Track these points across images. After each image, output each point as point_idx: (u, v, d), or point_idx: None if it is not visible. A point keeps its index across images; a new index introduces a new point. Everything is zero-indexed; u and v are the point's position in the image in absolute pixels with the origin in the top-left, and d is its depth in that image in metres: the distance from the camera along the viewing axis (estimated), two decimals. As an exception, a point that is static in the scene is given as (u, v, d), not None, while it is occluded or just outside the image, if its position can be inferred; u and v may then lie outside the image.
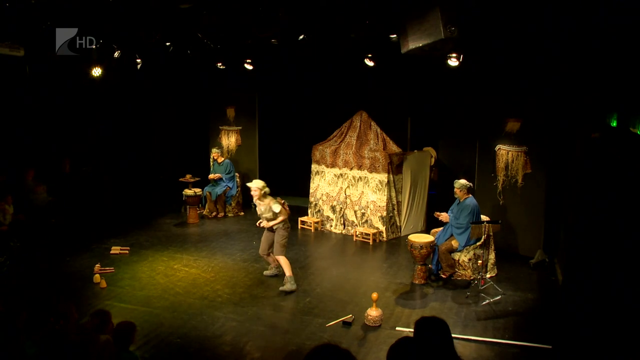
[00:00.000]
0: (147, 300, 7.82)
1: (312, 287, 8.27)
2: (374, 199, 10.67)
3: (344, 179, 11.14)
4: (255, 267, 9.13)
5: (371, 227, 10.71)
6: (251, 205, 12.93)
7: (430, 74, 10.73)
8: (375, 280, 8.58)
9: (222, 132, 13.41)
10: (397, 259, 9.60)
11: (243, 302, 7.72)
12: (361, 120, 11.09)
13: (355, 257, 9.83)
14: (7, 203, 9.99)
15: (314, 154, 11.65)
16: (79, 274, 8.73)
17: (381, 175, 10.53)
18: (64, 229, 10.91)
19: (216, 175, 12.35)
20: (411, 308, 7.54)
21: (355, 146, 10.94)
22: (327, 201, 11.44)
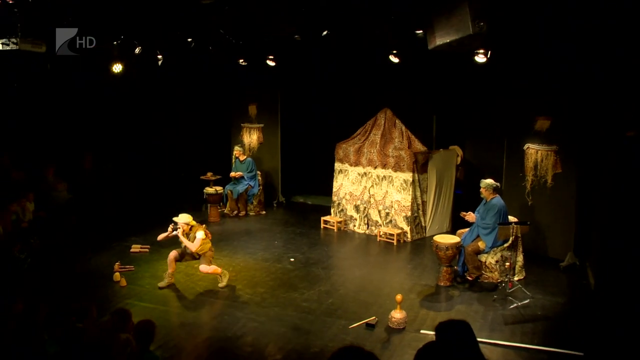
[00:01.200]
0: (167, 300, 7.87)
1: (335, 288, 8.25)
2: (398, 198, 10.61)
3: (367, 178, 11.10)
4: (277, 267, 9.14)
5: (395, 227, 10.65)
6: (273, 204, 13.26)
7: (456, 70, 10.62)
8: (399, 281, 8.53)
9: (244, 130, 13.45)
10: (421, 260, 9.53)
11: (265, 302, 7.73)
12: (385, 118, 11.03)
13: (379, 258, 9.78)
14: (29, 200, 10.14)
15: (337, 152, 11.62)
16: (99, 272, 8.82)
17: (406, 174, 10.47)
18: (84, 226, 11.04)
19: (238, 174, 12.38)
20: (436, 311, 7.48)
21: (379, 144, 10.90)
22: (350, 200, 11.40)
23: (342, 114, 12.99)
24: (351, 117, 12.20)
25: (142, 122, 13.54)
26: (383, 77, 11.74)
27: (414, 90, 11.81)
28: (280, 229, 11.49)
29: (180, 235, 8.17)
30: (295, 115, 13.62)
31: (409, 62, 10.10)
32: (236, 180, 12.44)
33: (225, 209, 12.59)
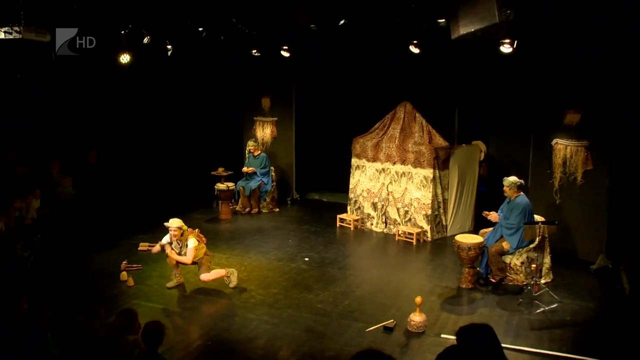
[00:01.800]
0: (176, 300, 7.90)
1: (352, 289, 8.23)
2: (418, 196, 10.57)
3: (386, 174, 11.07)
4: (291, 266, 9.15)
5: (415, 226, 10.62)
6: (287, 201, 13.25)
7: (481, 62, 10.52)
8: (418, 283, 8.51)
9: (257, 123, 13.46)
10: (442, 260, 9.50)
11: (278, 303, 7.73)
12: (405, 112, 10.99)
13: (398, 258, 9.75)
14: (35, 197, 10.22)
15: (354, 147, 11.60)
16: (105, 271, 8.88)
17: (426, 170, 10.42)
18: (89, 223, 11.12)
19: (250, 169, 12.41)
20: (458, 314, 7.44)
21: (398, 139, 10.86)
22: (367, 198, 11.38)
23: (359, 107, 12.95)
24: (369, 111, 12.17)
25: (150, 116, 13.58)
26: (403, 69, 11.66)
27: (435, 82, 11.73)
28: (294, 227, 11.49)
29: (169, 251, 8.08)
30: (311, 109, 13.60)
31: (430, 52, 10.03)
32: (248, 176, 12.46)
33: (237, 206, 12.61)
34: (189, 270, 8.75)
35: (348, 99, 13.29)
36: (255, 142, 12.64)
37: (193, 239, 7.98)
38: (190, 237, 7.98)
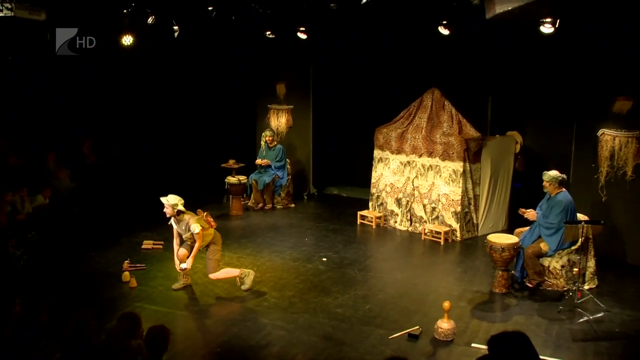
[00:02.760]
0: (183, 303, 7.91)
1: (373, 293, 8.22)
2: (446, 191, 10.53)
3: (411, 168, 11.03)
4: (308, 267, 9.14)
5: (443, 224, 10.58)
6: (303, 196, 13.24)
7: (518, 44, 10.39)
8: (447, 286, 8.48)
9: (271, 112, 13.47)
10: (473, 262, 9.46)
11: (293, 307, 7.73)
12: (433, 99, 10.94)
13: (424, 259, 9.74)
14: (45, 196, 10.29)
15: (377, 137, 11.56)
16: (105, 271, 8.91)
17: (455, 163, 10.38)
18: (89, 219, 11.19)
19: (265, 161, 12.42)
20: (490, 321, 7.39)
21: (425, 129, 10.81)
22: (391, 193, 11.35)
23: (383, 94, 12.92)
24: (393, 98, 12.13)
25: (155, 103, 13.64)
26: (431, 52, 11.64)
27: (467, 67, 11.69)
28: (311, 224, 11.50)
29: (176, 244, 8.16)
30: (330, 96, 13.61)
31: (461, 34, 9.93)
32: (262, 169, 12.48)
33: (249, 201, 12.62)
34: (196, 270, 8.79)
35: (370, 85, 13.26)
36: (272, 132, 12.64)
37: (196, 225, 7.91)
38: (192, 223, 7.93)
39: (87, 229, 10.77)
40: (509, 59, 11.30)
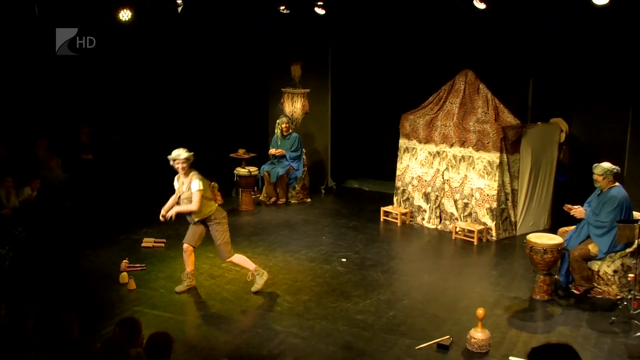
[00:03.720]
0: (187, 308, 7.94)
1: (398, 298, 8.20)
2: (480, 185, 10.50)
3: (441, 159, 11.01)
4: (325, 269, 9.15)
5: (476, 222, 10.57)
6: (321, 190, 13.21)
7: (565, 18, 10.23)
8: (480, 292, 8.46)
9: (285, 96, 13.45)
10: (510, 265, 9.43)
11: (309, 313, 7.73)
12: (466, 82, 10.92)
13: (455, 261, 9.74)
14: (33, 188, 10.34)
15: (403, 125, 11.55)
16: (101, 272, 8.94)
17: (491, 154, 10.35)
18: (83, 214, 11.24)
19: (279, 151, 12.44)
20: (530, 332, 7.34)
21: (457, 116, 10.79)
22: (418, 187, 11.35)
23: (410, 76, 12.88)
24: (421, 81, 12.11)
25: (156, 86, 13.67)
26: (464, 29, 11.57)
27: (505, 45, 11.61)
28: (329, 221, 11.54)
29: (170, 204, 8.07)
30: (351, 78, 13.59)
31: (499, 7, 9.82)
32: (275, 160, 12.50)
33: (261, 195, 12.64)
34: (202, 271, 8.84)
35: (396, 66, 13.22)
36: (288, 118, 12.65)
37: (198, 181, 7.83)
38: (194, 179, 7.85)
39: (80, 225, 10.83)
40: (554, 34, 11.20)
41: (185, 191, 7.96)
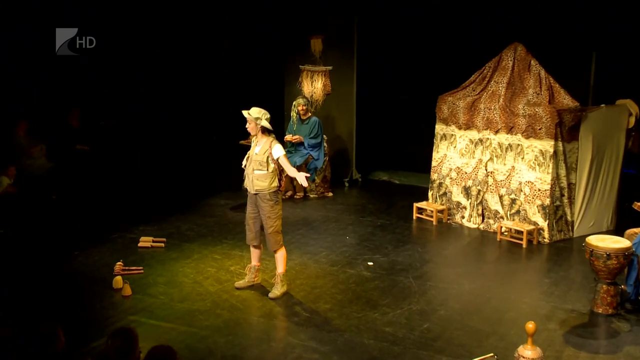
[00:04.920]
0: (191, 317, 7.90)
1: (433, 308, 8.16)
2: (531, 178, 10.47)
3: (484, 147, 11.00)
4: (349, 273, 9.14)
5: (525, 221, 10.52)
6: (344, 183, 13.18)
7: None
8: (530, 303, 8.38)
9: (304, 74, 13.45)
10: (566, 272, 9.36)
11: (329, 324, 7.70)
12: (515, 58, 10.89)
13: (500, 266, 9.74)
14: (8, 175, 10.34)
15: (441, 108, 11.55)
16: (91, 276, 8.96)
17: (544, 142, 10.30)
18: (70, 209, 11.30)
19: (296, 138, 12.48)
20: (591, 352, 7.25)
21: (504, 97, 10.76)
22: (457, 180, 11.35)
23: (448, 52, 12.93)
24: (462, 57, 12.20)
25: (157, 62, 13.72)
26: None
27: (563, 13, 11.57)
28: (354, 218, 11.55)
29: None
30: (379, 54, 13.55)
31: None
32: (292, 147, 12.57)
33: (275, 188, 12.60)
34: (207, 275, 8.86)
35: (432, 40, 13.24)
36: (307, 100, 12.66)
37: (279, 145, 8.24)
38: (276, 144, 8.23)
39: (68, 222, 10.88)
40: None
41: (263, 156, 8.21)
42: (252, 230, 8.45)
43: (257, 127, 8.17)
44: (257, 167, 8.19)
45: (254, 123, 8.17)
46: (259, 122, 8.14)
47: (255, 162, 8.22)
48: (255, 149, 8.27)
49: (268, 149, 8.17)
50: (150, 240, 10.05)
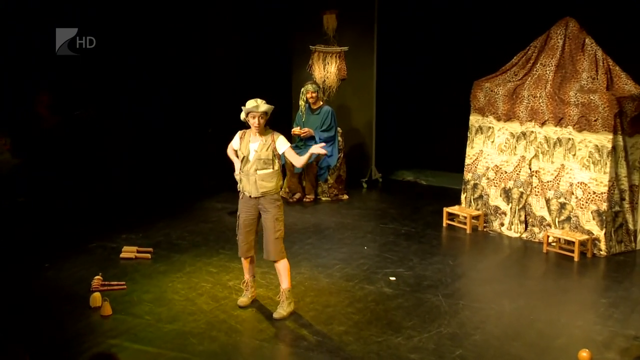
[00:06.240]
0: (182, 341, 7.86)
1: (467, 332, 8.09)
2: (584, 179, 10.44)
3: (528, 142, 11.02)
4: (367, 290, 9.12)
5: (578, 229, 10.49)
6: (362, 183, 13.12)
7: None
8: (584, 327, 8.30)
9: (315, 56, 13.60)
10: (628, 291, 9.29)
11: (345, 349, 7.66)
12: (566, 36, 10.90)
13: (547, 283, 9.72)
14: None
15: (476, 96, 11.60)
16: (64, 292, 8.93)
17: (600, 135, 10.27)
18: (40, 213, 11.32)
19: (305, 131, 12.47)
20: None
21: (552, 83, 10.76)
22: (496, 180, 11.38)
23: (484, 29, 12.97)
24: (501, 35, 12.29)
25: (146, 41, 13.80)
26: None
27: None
28: (373, 225, 11.62)
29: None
30: (403, 33, 13.47)
31: None
32: (301, 142, 12.60)
33: (281, 189, 12.49)
34: (201, 292, 8.87)
35: (465, 15, 13.35)
36: (317, 86, 12.65)
37: (283, 137, 8.39)
38: (279, 136, 8.38)
39: (37, 228, 10.89)
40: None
41: (265, 150, 8.25)
42: (247, 241, 8.45)
43: (264, 122, 8.21)
44: (261, 167, 8.18)
45: (265, 117, 8.18)
46: (267, 116, 8.19)
47: (258, 160, 8.20)
48: (252, 145, 8.26)
49: (271, 142, 8.19)
50: (135, 250, 10.04)
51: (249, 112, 8.16)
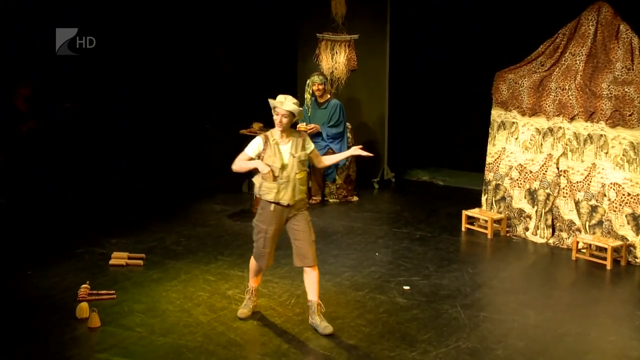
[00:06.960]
0: (177, 355, 7.80)
1: (488, 346, 8.02)
2: (618, 179, 10.44)
3: (556, 139, 11.04)
4: (379, 300, 9.08)
5: (610, 234, 10.48)
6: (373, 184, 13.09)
7: None
8: (617, 342, 8.22)
9: (322, 45, 13.58)
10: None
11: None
12: (598, 22, 10.92)
13: (577, 294, 9.69)
14: None
15: (498, 88, 11.63)
16: (49, 302, 8.91)
17: (636, 132, 10.28)
18: (22, 216, 11.36)
19: (311, 127, 12.50)
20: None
21: (582, 74, 10.77)
22: (520, 181, 11.40)
23: (507, 15, 13.02)
24: (526, 22, 12.34)
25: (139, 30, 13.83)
26: None
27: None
28: (385, 230, 11.69)
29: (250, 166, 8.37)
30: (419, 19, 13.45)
31: None
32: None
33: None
34: (198, 302, 8.85)
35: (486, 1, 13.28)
36: (324, 78, 12.64)
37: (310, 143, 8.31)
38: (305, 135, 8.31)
39: (19, 233, 10.91)
40: None
41: (296, 152, 8.14)
42: (272, 254, 8.39)
43: (290, 123, 8.10)
44: (299, 169, 8.10)
45: (291, 117, 8.05)
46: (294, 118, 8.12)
47: (298, 163, 8.10)
48: (284, 147, 8.13)
49: (302, 142, 8.12)
50: (126, 256, 10.04)
51: (274, 108, 8.10)
